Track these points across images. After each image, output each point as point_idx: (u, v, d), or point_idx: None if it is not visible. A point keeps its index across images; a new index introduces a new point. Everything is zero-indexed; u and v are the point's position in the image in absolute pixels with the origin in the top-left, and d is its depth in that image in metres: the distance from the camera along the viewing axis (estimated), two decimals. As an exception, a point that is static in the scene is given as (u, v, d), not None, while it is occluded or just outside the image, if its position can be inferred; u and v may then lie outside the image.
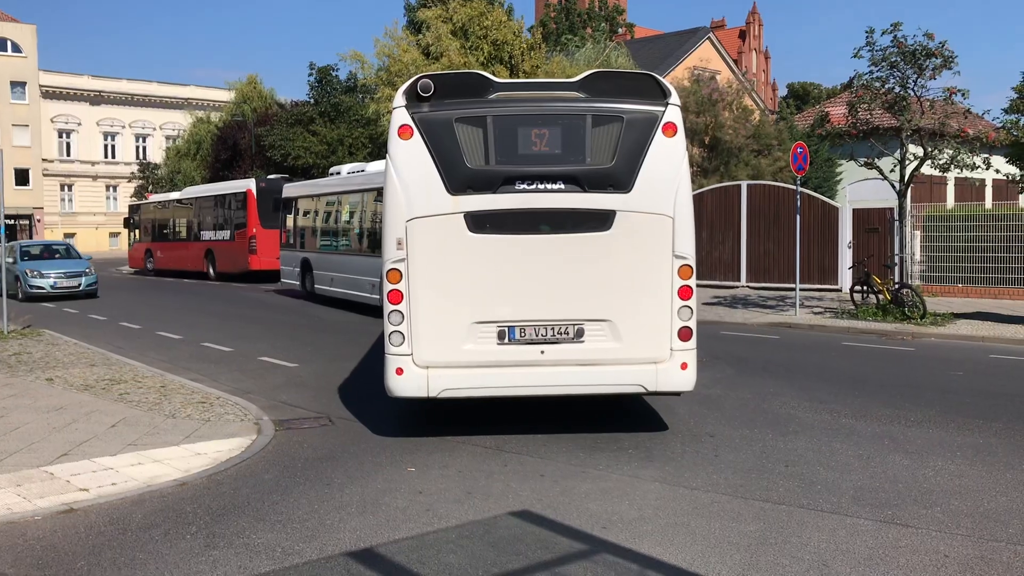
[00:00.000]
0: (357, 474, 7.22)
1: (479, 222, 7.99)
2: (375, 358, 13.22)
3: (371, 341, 15.15)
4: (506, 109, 8.13)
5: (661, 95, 8.21)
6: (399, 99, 8.15)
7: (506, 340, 8.07)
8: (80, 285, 24.96)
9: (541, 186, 7.99)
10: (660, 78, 8.51)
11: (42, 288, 24.53)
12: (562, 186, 8.01)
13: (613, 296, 8.08)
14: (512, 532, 5.83)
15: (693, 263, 8.13)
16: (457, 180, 7.96)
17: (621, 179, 8.02)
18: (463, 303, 8.04)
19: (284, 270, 25.58)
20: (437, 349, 8.04)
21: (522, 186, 7.98)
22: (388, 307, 8.06)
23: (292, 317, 19.54)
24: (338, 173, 23.51)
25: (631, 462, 7.47)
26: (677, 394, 8.56)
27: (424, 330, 8.01)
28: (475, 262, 8.03)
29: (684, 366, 8.13)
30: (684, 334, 8.09)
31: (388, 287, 8.04)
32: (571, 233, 8.04)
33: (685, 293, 8.07)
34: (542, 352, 8.09)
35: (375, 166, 21.65)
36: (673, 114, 8.15)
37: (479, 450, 7.94)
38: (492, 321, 8.06)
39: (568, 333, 8.10)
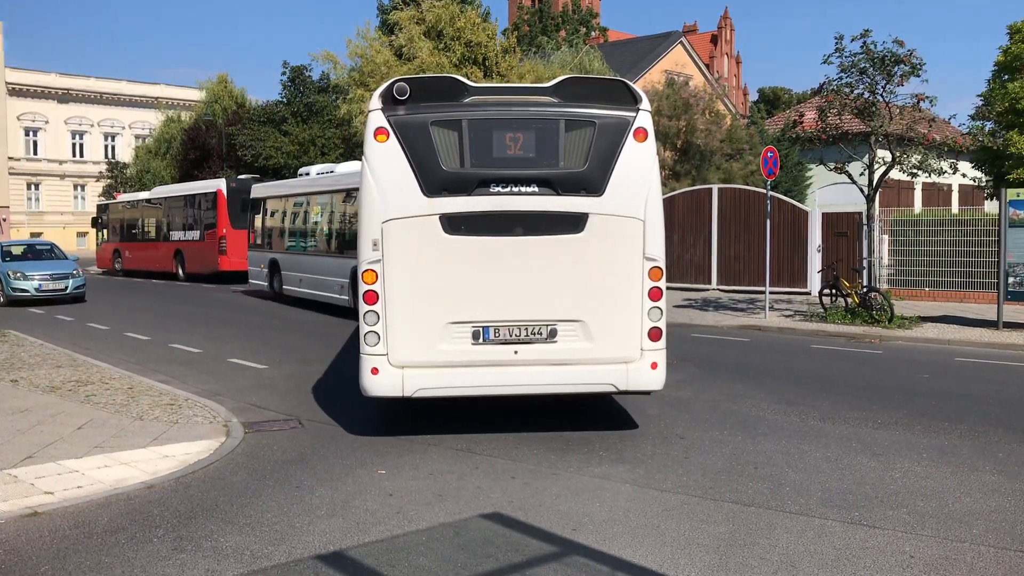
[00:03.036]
0: (327, 476, 7.18)
1: (454, 224, 8.08)
2: (345, 360, 13.16)
3: (341, 343, 15.08)
4: (481, 113, 8.20)
5: (632, 101, 8.36)
6: (375, 102, 8.20)
7: (480, 340, 8.17)
8: (67, 288, 23.29)
9: (515, 189, 8.10)
10: (631, 84, 8.64)
11: (26, 291, 22.84)
12: (535, 189, 8.13)
13: (585, 297, 8.20)
14: (483, 534, 5.82)
15: (663, 265, 8.29)
16: (432, 182, 8.04)
17: (593, 182, 8.16)
18: (438, 304, 8.12)
19: (252, 271, 25.48)
20: (412, 349, 8.11)
21: (496, 188, 8.08)
22: (363, 307, 8.10)
23: (262, 319, 19.40)
24: (307, 174, 23.47)
25: (602, 464, 7.49)
26: (647, 393, 8.70)
27: (399, 330, 8.08)
28: (450, 263, 8.12)
29: (654, 366, 8.28)
30: (654, 334, 8.25)
31: (363, 288, 8.09)
32: (544, 235, 8.16)
33: (655, 294, 8.23)
34: (516, 352, 8.19)
35: (344, 167, 21.82)
36: (644, 120, 8.30)
37: (450, 452, 7.92)
38: (467, 321, 8.15)
39: (541, 333, 8.22)
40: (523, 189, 8.11)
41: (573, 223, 8.15)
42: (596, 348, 8.21)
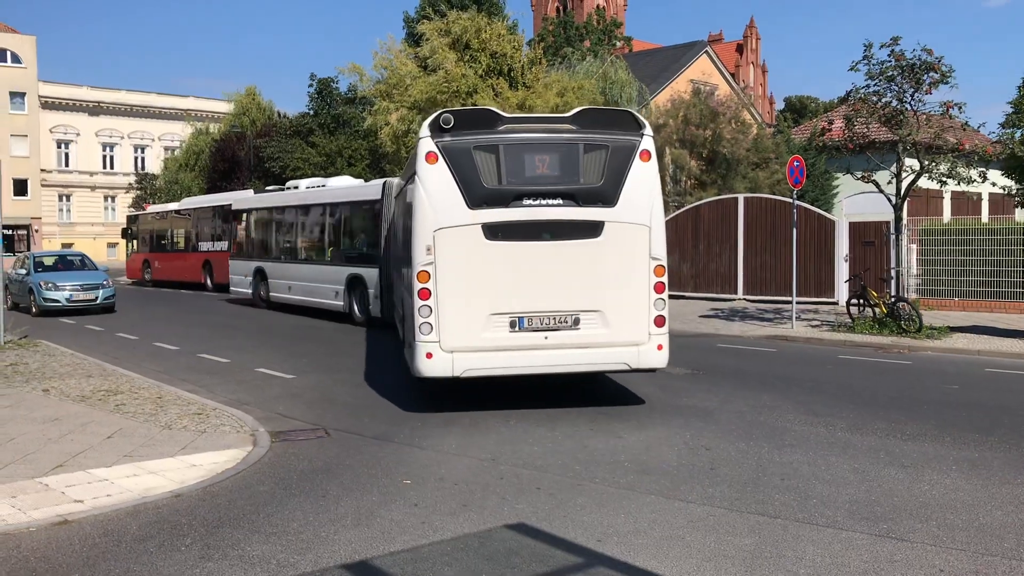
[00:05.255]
0: (352, 486, 7.21)
1: (494, 231, 9.64)
2: (370, 370, 13.24)
3: (362, 352, 15.16)
4: (514, 138, 9.80)
5: (637, 127, 10.05)
6: (425, 130, 9.74)
7: (517, 328, 9.74)
8: (97, 298, 23.47)
9: (544, 202, 9.71)
10: (636, 113, 10.38)
11: (57, 301, 23.02)
12: (560, 201, 9.74)
13: (602, 291, 9.80)
14: (507, 545, 5.82)
15: (665, 263, 9.96)
16: (475, 197, 9.60)
17: (608, 196, 9.81)
18: (481, 298, 9.65)
19: (234, 279, 26.49)
20: (460, 336, 9.63)
21: (528, 202, 9.68)
22: (418, 302, 9.61)
23: (289, 329, 19.52)
24: (296, 187, 24.72)
25: (627, 475, 7.47)
26: (654, 370, 10.24)
27: (449, 321, 9.59)
28: (490, 264, 9.66)
29: (659, 347, 9.96)
30: (659, 321, 9.92)
31: (418, 286, 9.60)
32: (568, 240, 9.75)
33: (659, 288, 9.90)
34: (546, 338, 9.76)
35: (336, 181, 23.63)
36: (648, 143, 10.00)
37: (475, 462, 7.93)
38: (505, 313, 9.71)
39: (567, 322, 9.80)
40: (550, 202, 9.71)
41: (592, 229, 9.76)
42: (612, 333, 9.82)
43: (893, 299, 17.30)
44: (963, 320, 18.53)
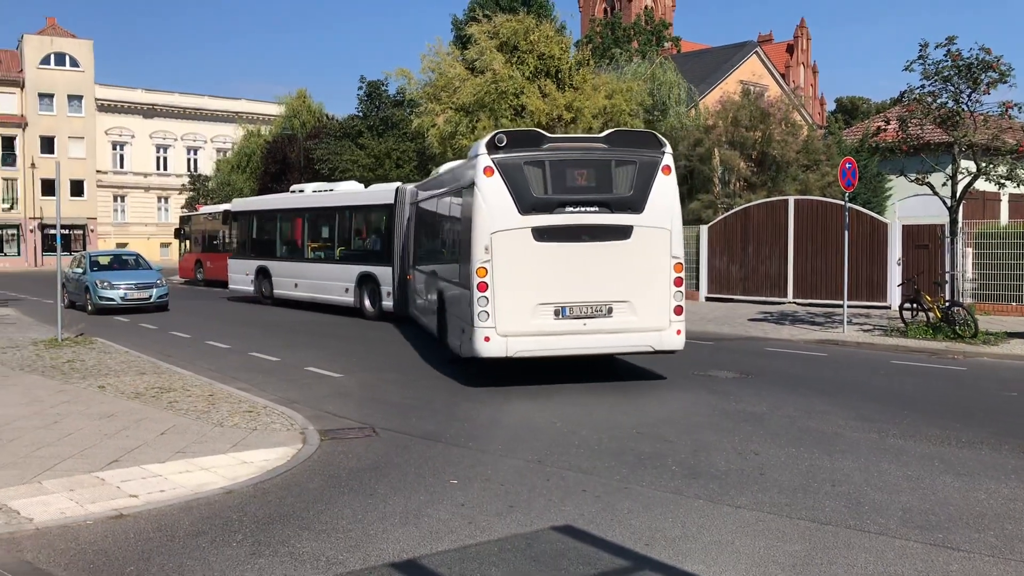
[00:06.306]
0: (400, 485, 7.26)
1: (541, 233, 11.27)
2: (417, 371, 13.33)
3: (411, 353, 15.25)
4: (557, 155, 11.46)
5: (659, 145, 11.83)
6: (482, 148, 11.36)
7: (560, 316, 11.37)
8: (151, 297, 24.07)
9: (583, 209, 11.39)
10: (657, 134, 12.48)
11: (112, 300, 23.59)
12: (597, 209, 11.43)
13: (631, 284, 11.50)
14: (554, 547, 5.82)
15: (683, 261, 11.77)
16: (525, 205, 11.24)
17: (636, 204, 11.51)
18: (530, 290, 11.25)
19: (235, 277, 28.00)
20: (512, 323, 11.23)
21: (570, 209, 11.34)
22: (476, 294, 11.17)
23: (338, 329, 19.72)
24: (302, 191, 26.18)
25: (675, 479, 7.41)
26: (673, 352, 11.90)
27: (503, 310, 11.18)
28: (538, 262, 11.26)
29: (678, 332, 11.72)
30: (678, 310, 11.69)
31: (476, 280, 11.17)
32: (603, 241, 11.42)
33: (678, 282, 11.69)
34: (584, 324, 11.42)
35: (344, 186, 25.08)
36: (668, 159, 11.75)
37: (521, 463, 7.94)
38: (550, 303, 11.33)
39: (602, 311, 11.48)
40: (588, 209, 11.40)
41: (623, 232, 11.47)
42: (639, 320, 11.53)
43: (948, 303, 16.95)
44: (1020, 325, 18.08)
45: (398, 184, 22.12)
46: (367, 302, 21.70)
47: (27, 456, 8.03)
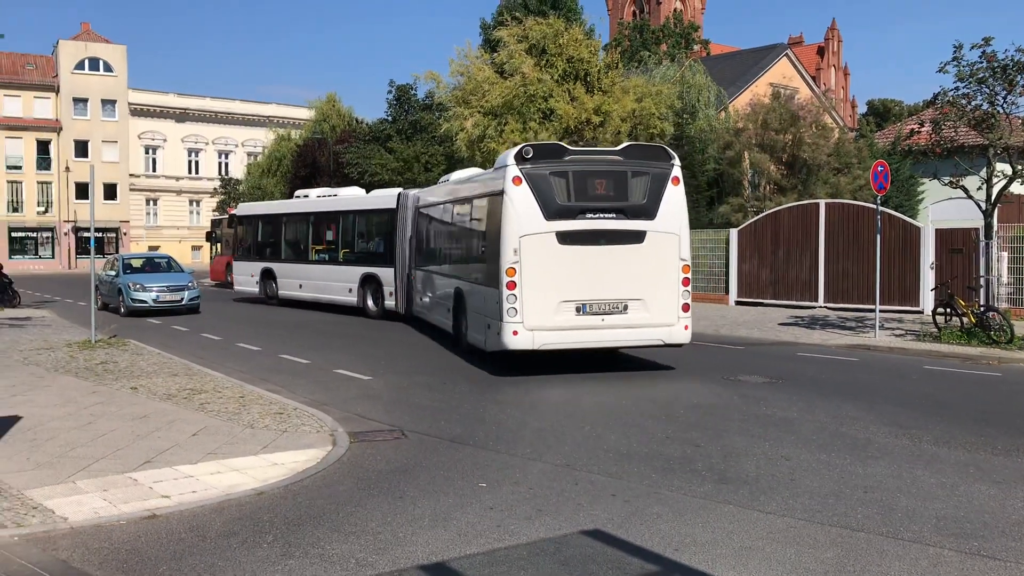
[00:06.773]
0: (429, 488, 7.27)
1: (564, 237, 12.38)
2: (446, 375, 13.35)
3: (435, 355, 15.28)
4: (579, 167, 12.57)
5: (669, 158, 13.00)
6: (510, 159, 12.45)
7: (581, 312, 12.50)
8: (183, 299, 24.23)
9: (602, 215, 12.52)
10: (667, 147, 13.62)
11: (144, 302, 23.76)
12: (614, 215, 12.57)
13: (644, 284, 12.63)
14: (583, 551, 5.80)
15: (690, 263, 12.99)
16: (550, 211, 12.35)
17: (649, 211, 12.70)
18: (554, 289, 12.35)
19: (239, 279, 28.96)
20: (538, 318, 12.32)
21: (590, 216, 12.48)
22: (506, 292, 12.24)
23: (366, 331, 19.81)
24: (306, 196, 27.18)
25: (704, 483, 7.37)
26: (680, 345, 13.07)
27: (530, 306, 12.28)
28: (561, 263, 12.37)
29: (686, 327, 12.90)
30: (685, 307, 12.83)
31: (506, 279, 12.23)
32: (620, 245, 12.55)
33: (686, 282, 12.86)
34: (602, 320, 12.56)
35: (348, 191, 26.02)
36: (676, 171, 12.95)
37: (550, 468, 7.93)
38: (572, 300, 12.43)
39: (618, 307, 12.61)
40: (606, 216, 12.53)
41: (637, 237, 12.63)
42: (651, 316, 12.65)
43: (982, 308, 16.73)
44: (1057, 331, 17.78)
45: (400, 189, 22.98)
46: (370, 301, 22.67)
47: (61, 456, 8.14)
